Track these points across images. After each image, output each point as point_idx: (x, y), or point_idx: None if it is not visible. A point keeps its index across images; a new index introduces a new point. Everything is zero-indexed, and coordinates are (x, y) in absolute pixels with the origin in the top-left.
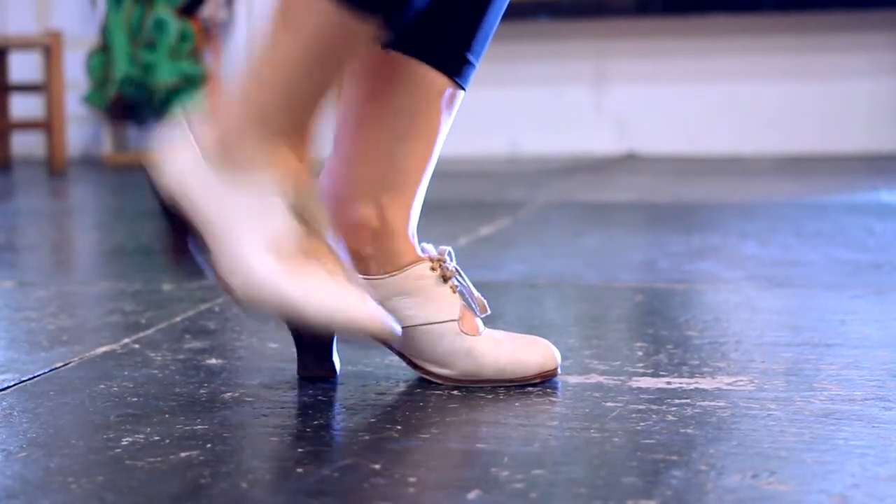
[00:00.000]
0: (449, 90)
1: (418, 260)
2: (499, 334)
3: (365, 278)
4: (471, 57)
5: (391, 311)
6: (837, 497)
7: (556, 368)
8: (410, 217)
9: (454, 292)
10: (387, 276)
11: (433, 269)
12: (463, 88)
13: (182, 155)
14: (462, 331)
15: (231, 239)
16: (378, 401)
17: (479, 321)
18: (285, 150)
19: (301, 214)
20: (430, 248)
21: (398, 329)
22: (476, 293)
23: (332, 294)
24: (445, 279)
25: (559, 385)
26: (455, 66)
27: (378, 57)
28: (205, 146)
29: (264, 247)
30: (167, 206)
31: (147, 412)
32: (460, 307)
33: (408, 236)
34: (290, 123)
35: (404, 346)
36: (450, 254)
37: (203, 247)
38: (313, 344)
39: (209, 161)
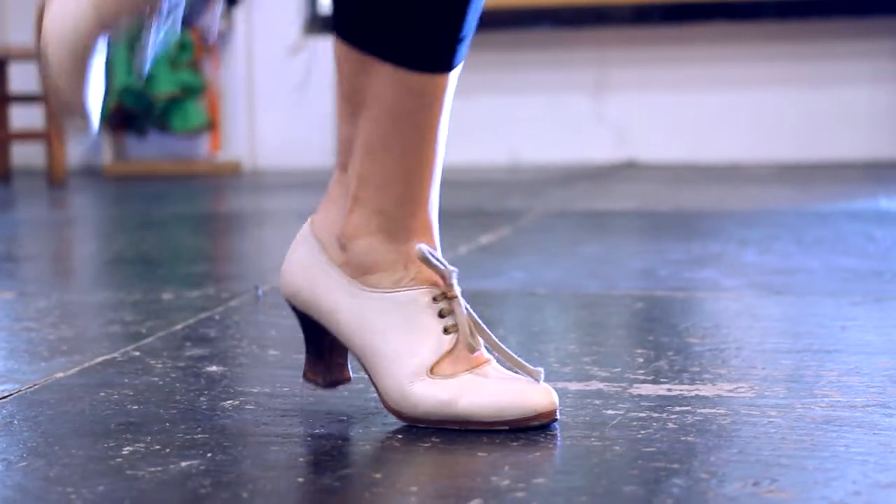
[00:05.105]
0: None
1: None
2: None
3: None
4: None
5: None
6: None
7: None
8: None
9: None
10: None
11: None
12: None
13: (301, 248)
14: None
15: (385, 364)
16: (379, 410)
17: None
18: (412, 246)
19: (448, 323)
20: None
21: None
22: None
23: (493, 390)
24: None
25: (560, 393)
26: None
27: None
28: (323, 240)
29: (421, 371)
30: (298, 310)
31: (147, 420)
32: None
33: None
34: (408, 213)
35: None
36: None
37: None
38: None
39: (329, 257)
